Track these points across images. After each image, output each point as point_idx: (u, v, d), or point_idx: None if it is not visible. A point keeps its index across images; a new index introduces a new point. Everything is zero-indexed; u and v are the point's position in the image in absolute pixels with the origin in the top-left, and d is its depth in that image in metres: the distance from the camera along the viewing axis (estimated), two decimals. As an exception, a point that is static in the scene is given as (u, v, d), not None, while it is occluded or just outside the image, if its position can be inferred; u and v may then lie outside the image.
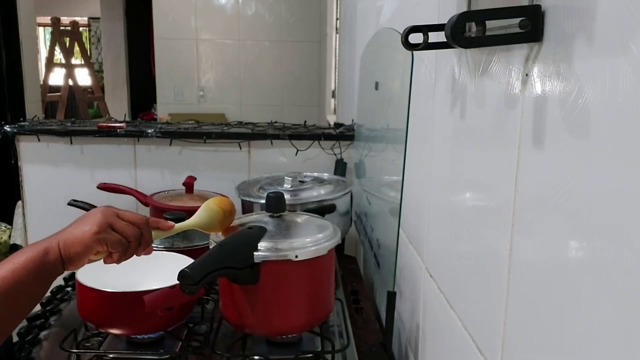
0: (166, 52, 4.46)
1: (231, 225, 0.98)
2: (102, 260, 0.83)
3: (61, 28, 5.30)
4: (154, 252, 1.19)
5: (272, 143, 1.85)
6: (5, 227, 1.53)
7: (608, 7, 0.39)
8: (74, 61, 5.53)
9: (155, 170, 1.86)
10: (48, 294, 1.18)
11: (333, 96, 3.42)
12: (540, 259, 0.49)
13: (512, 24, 0.51)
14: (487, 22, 0.56)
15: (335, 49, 3.27)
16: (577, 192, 0.43)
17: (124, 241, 0.80)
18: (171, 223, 0.89)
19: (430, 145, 0.87)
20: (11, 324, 0.75)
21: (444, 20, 0.54)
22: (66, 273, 1.26)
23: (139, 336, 1.01)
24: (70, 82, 5.31)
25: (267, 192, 1.06)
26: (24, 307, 0.75)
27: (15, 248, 1.30)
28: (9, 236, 1.49)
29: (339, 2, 3.20)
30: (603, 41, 0.39)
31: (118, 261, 0.82)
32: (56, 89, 5.45)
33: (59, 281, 1.24)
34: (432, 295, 0.85)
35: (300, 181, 1.45)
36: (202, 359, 0.98)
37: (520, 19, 0.49)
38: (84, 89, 5.61)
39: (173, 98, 4.50)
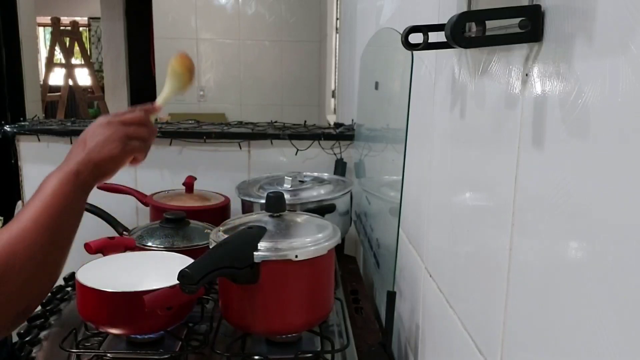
0: (166, 52, 4.45)
1: None
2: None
3: (61, 28, 5.31)
4: (154, 252, 1.20)
5: (272, 143, 1.85)
6: None
7: (608, 7, 0.39)
8: (74, 61, 5.53)
9: (155, 170, 1.86)
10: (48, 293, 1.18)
11: (333, 96, 3.42)
12: (540, 259, 0.49)
13: (512, 24, 0.51)
14: (487, 22, 0.56)
15: (335, 49, 3.27)
16: (577, 192, 0.43)
17: (143, 144, 0.88)
18: (157, 104, 0.96)
19: (430, 145, 0.87)
20: (64, 250, 0.78)
21: (444, 20, 0.54)
22: (66, 273, 1.26)
23: (139, 336, 1.01)
24: (70, 82, 5.31)
25: (267, 191, 1.06)
26: (71, 230, 0.79)
27: None
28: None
29: (339, 2, 3.20)
30: (603, 41, 0.39)
31: (142, 160, 0.90)
32: (56, 89, 5.45)
33: (59, 281, 1.24)
34: (432, 295, 0.85)
35: (300, 181, 1.46)
36: (202, 359, 0.98)
37: (520, 19, 0.49)
38: (84, 89, 5.62)
39: (173, 98, 4.50)
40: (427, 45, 0.59)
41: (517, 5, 0.53)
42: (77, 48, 5.49)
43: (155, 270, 1.06)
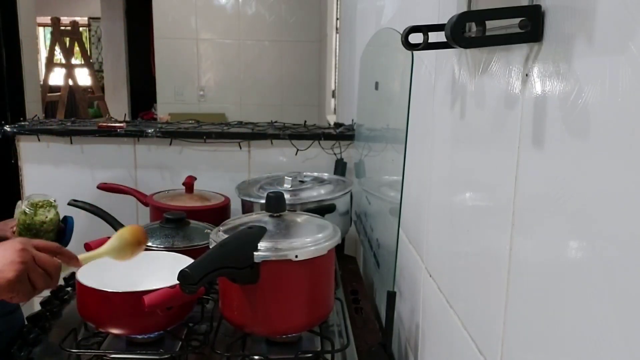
0: (166, 52, 4.45)
1: None
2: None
3: (61, 28, 5.31)
4: (154, 252, 1.20)
5: (272, 143, 1.85)
6: (50, 202, 1.21)
7: (608, 7, 0.39)
8: (74, 61, 5.53)
9: (155, 170, 1.86)
10: (48, 293, 1.18)
11: (333, 96, 3.42)
12: (540, 259, 0.49)
13: (512, 24, 0.51)
14: (487, 22, 0.56)
15: (335, 49, 3.27)
16: (577, 192, 0.43)
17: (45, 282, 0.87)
18: (80, 260, 0.92)
19: (430, 145, 0.87)
20: None
21: (444, 20, 0.54)
22: (66, 272, 1.26)
23: (139, 336, 1.01)
24: (70, 82, 5.31)
25: (267, 192, 1.06)
26: None
27: (65, 220, 1.20)
28: (56, 213, 1.21)
29: (339, 2, 3.20)
30: (603, 41, 0.39)
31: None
32: (56, 89, 5.45)
33: (59, 281, 1.23)
34: (431, 295, 0.85)
35: (300, 181, 1.45)
36: (202, 359, 0.98)
37: (520, 19, 0.49)
38: (84, 89, 5.61)
39: (173, 98, 4.49)
40: (427, 45, 0.59)
41: (517, 5, 0.53)
42: (77, 48, 5.49)
43: (155, 270, 1.05)
